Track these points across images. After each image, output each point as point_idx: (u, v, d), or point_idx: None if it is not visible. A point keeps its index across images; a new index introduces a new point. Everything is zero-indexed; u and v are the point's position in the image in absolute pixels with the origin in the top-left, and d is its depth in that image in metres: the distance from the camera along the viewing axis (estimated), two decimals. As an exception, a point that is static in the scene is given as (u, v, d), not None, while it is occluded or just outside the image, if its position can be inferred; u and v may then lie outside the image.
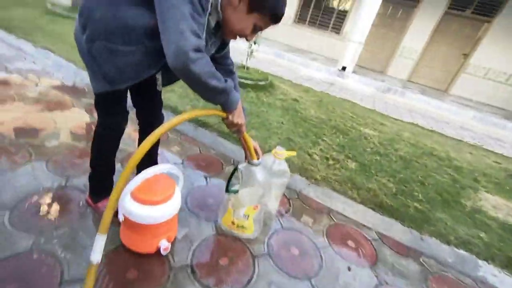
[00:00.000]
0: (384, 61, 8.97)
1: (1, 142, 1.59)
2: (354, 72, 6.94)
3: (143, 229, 1.07)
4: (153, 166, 1.00)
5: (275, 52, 7.43)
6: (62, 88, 2.49)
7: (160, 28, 0.77)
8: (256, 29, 0.95)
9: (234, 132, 1.10)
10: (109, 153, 1.21)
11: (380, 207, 1.80)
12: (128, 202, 1.03)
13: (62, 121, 1.96)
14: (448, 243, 1.61)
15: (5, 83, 2.29)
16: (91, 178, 1.26)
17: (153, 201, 1.03)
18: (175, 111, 2.45)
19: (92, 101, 1.11)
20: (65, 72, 2.81)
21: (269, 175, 1.37)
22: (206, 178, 1.77)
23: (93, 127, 1.90)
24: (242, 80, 3.56)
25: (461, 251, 1.58)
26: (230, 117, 1.01)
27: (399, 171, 2.35)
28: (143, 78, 0.96)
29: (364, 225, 1.68)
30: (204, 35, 0.83)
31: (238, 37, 0.98)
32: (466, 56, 7.90)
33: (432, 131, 4.26)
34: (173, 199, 1.11)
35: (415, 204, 1.90)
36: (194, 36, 0.75)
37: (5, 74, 2.44)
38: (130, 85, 0.98)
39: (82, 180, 1.46)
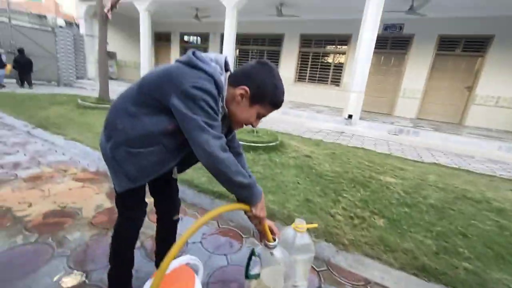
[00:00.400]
0: (389, 103, 9.22)
1: (27, 239, 1.63)
2: (361, 118, 7.08)
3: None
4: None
5: (282, 110, 7.85)
6: (87, 175, 2.66)
7: (187, 137, 0.91)
8: (260, 116, 1.05)
9: (256, 224, 1.11)
10: (128, 247, 1.22)
11: (423, 272, 1.58)
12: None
13: (85, 210, 2.02)
14: (518, 313, 1.34)
15: (37, 178, 2.49)
16: (110, 274, 1.23)
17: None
18: (191, 184, 2.50)
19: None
20: (90, 159, 3.04)
21: (291, 251, 1.28)
22: (226, 257, 1.68)
23: (113, 215, 1.93)
24: (253, 144, 3.69)
25: (539, 324, 1.30)
26: (253, 210, 1.04)
27: (434, 223, 2.14)
28: (163, 172, 1.05)
29: (410, 297, 1.46)
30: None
31: (244, 125, 1.06)
32: (470, 88, 8.00)
33: (458, 169, 4.03)
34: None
35: (464, 263, 1.66)
36: (215, 139, 0.89)
37: (37, 169, 2.66)
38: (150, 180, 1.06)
39: (102, 276, 1.42)
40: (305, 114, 7.55)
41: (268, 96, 0.98)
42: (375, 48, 6.44)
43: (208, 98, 0.88)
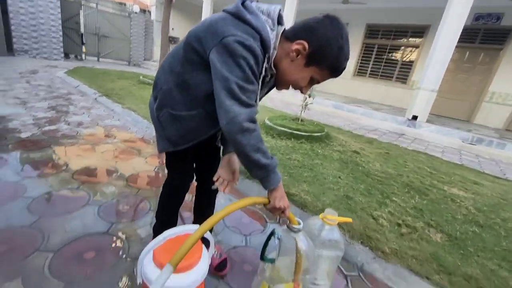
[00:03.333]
0: (468, 108, 7.77)
1: (70, 185, 1.79)
2: (428, 121, 6.13)
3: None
4: (179, 226, 0.90)
5: (333, 104, 7.32)
6: (133, 140, 2.85)
7: (215, 96, 0.80)
8: (313, 82, 0.88)
9: (279, 216, 0.98)
10: (174, 207, 1.24)
11: (490, 308, 1.21)
12: (147, 263, 0.91)
13: (124, 169, 2.15)
14: None
15: (92, 135, 2.77)
16: (155, 229, 1.28)
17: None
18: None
19: (154, 152, 1.16)
20: (139, 127, 3.27)
21: (316, 245, 1.09)
22: (246, 237, 1.57)
23: (148, 176, 2.00)
24: (296, 132, 3.47)
25: None
26: (271, 201, 0.92)
27: (514, 252, 1.65)
28: (203, 138, 1.00)
29: (466, 335, 1.13)
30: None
31: (292, 88, 0.91)
32: None
33: (558, 194, 3.12)
34: (196, 268, 0.93)
35: (556, 311, 1.22)
36: (243, 106, 0.77)
37: (95, 129, 2.97)
38: (192, 145, 1.01)
39: (125, 228, 1.46)
40: (360, 110, 6.88)
41: (330, 58, 0.80)
42: (459, 41, 5.40)
43: (249, 56, 0.75)
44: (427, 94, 5.88)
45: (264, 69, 0.83)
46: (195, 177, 1.27)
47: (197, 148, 1.08)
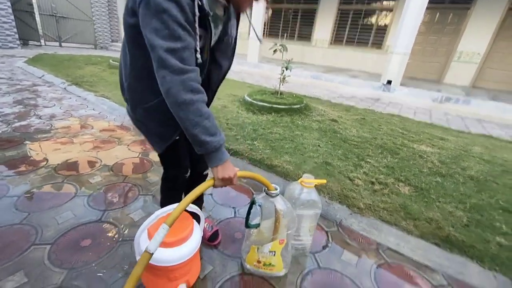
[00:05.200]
0: (438, 68, 8.09)
1: (54, 180, 1.79)
2: (402, 84, 6.36)
3: (157, 271, 1.00)
4: (169, 206, 0.97)
5: (311, 75, 7.37)
6: (112, 128, 2.80)
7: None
8: None
9: (224, 186, 0.93)
10: (176, 197, 1.24)
11: (447, 242, 1.43)
12: (143, 240, 1.00)
13: (107, 158, 2.15)
14: (559, 296, 1.16)
15: (67, 127, 2.69)
16: None
17: (166, 243, 0.97)
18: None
19: (135, 138, 1.15)
20: (116, 114, 3.18)
21: (296, 206, 1.21)
22: (234, 209, 1.68)
23: (133, 163, 2.00)
24: (276, 106, 3.53)
25: None
26: (214, 175, 0.88)
27: (470, 196, 1.89)
28: None
29: (427, 266, 1.34)
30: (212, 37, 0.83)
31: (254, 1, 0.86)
32: (547, 50, 6.61)
33: (513, 142, 3.48)
34: (189, 240, 1.03)
35: (498, 238, 1.46)
36: (176, 74, 0.72)
37: (70, 121, 2.87)
38: (181, 135, 0.97)
39: (117, 214, 1.51)
40: (339, 79, 6.99)
41: None
42: (429, 2, 5.47)
43: (170, 6, 0.67)
44: (400, 58, 6.04)
45: (197, 8, 0.72)
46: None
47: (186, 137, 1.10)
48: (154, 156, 2.25)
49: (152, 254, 0.78)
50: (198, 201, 1.40)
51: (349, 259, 1.36)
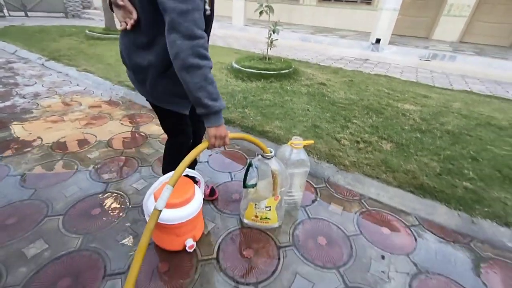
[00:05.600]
0: (428, 24, 7.95)
1: (53, 158, 1.84)
2: (390, 43, 6.29)
3: (167, 229, 1.14)
4: (171, 172, 1.05)
5: (300, 37, 7.14)
6: (101, 104, 2.78)
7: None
8: None
9: (220, 145, 1.00)
10: (179, 162, 1.31)
11: (420, 190, 1.61)
12: (151, 204, 1.11)
13: (101, 134, 2.19)
14: (507, 225, 1.38)
15: (55, 105, 2.66)
16: None
17: (171, 204, 1.09)
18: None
19: (126, 113, 1.19)
20: (103, 89, 3.13)
21: (287, 166, 1.33)
22: (231, 174, 1.81)
23: (127, 137, 2.04)
24: (264, 72, 3.51)
25: (527, 235, 1.34)
26: (209, 133, 0.94)
27: (445, 148, 2.07)
28: None
29: (402, 211, 1.54)
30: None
31: None
32: (535, -1, 6.53)
33: (491, 96, 3.65)
34: (193, 201, 1.15)
35: (465, 183, 1.66)
36: (186, 39, 0.75)
37: (54, 99, 2.81)
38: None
39: (120, 185, 1.61)
40: (327, 40, 6.83)
41: None
42: None
43: None
44: (390, 14, 5.88)
45: None
46: None
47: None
48: (146, 129, 2.30)
49: (161, 211, 0.89)
50: (193, 164, 1.50)
51: (335, 210, 1.53)
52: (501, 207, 1.48)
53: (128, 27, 0.88)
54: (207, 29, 0.91)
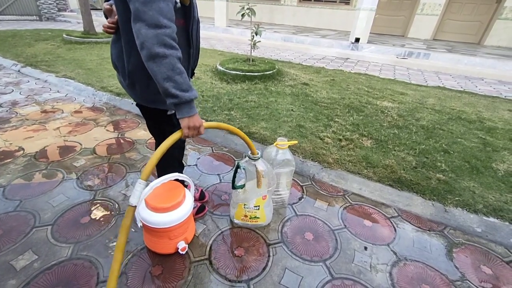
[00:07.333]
0: (403, 23, 8.30)
1: (37, 168, 1.81)
2: (369, 42, 6.53)
3: (159, 233, 1.17)
4: (162, 177, 1.08)
5: (282, 37, 7.25)
6: (84, 110, 2.73)
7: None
8: None
9: (194, 135, 0.98)
10: (174, 164, 1.34)
11: (398, 183, 1.73)
12: (142, 210, 1.14)
13: (86, 141, 2.16)
14: (476, 212, 1.51)
15: (35, 114, 2.58)
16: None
17: (162, 208, 1.12)
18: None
19: (110, 119, 1.20)
20: (85, 95, 3.06)
21: (273, 166, 1.39)
22: (219, 176, 1.85)
23: (113, 144, 2.03)
24: (249, 74, 3.56)
25: (492, 219, 1.47)
26: (182, 124, 0.92)
27: (420, 143, 2.21)
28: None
29: (382, 203, 1.64)
30: None
31: None
32: (499, 0, 6.98)
33: (462, 91, 3.89)
34: (183, 205, 1.19)
35: (438, 175, 1.79)
36: (151, 28, 0.74)
37: (34, 107, 2.73)
38: None
39: (109, 192, 1.62)
40: (309, 40, 6.97)
41: None
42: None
43: None
44: (367, 14, 6.10)
45: None
46: None
47: None
48: (132, 134, 2.29)
49: (135, 206, 0.88)
50: (180, 168, 1.51)
51: (321, 206, 1.61)
52: (470, 196, 1.62)
53: (107, 29, 0.91)
54: (188, 24, 0.94)
